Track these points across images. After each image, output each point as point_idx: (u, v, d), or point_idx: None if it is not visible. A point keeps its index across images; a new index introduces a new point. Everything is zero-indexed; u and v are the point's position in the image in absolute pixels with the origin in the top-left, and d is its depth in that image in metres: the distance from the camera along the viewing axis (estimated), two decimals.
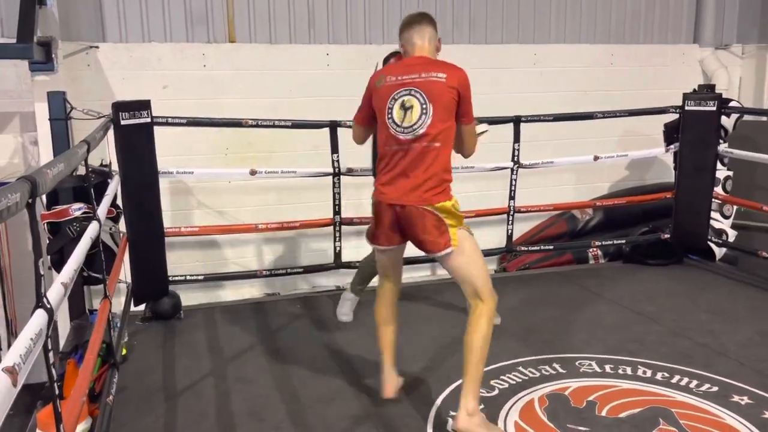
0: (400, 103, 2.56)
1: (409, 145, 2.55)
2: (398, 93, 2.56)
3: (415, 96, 2.53)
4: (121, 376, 3.12)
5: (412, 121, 2.53)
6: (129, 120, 3.64)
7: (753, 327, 3.81)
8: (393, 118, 2.57)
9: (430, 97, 2.52)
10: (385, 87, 2.60)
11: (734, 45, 6.36)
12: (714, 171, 4.86)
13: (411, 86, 2.55)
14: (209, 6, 4.97)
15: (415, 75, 2.56)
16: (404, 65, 2.64)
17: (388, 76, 2.60)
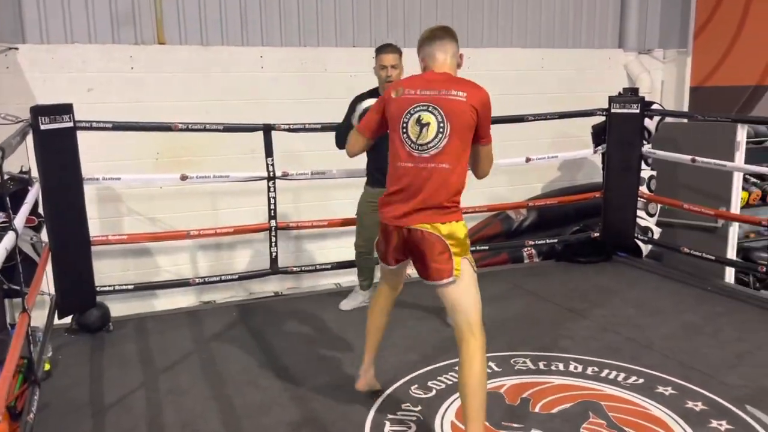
0: (416, 118, 2.46)
1: (420, 163, 2.45)
2: (415, 107, 2.46)
3: (432, 113, 2.43)
4: (43, 393, 2.98)
5: (427, 138, 2.44)
6: (49, 125, 3.48)
7: (677, 320, 3.98)
8: (408, 133, 2.47)
9: (449, 116, 2.42)
10: (403, 99, 2.49)
11: (656, 50, 6.65)
12: (639, 171, 5.05)
13: (429, 102, 2.45)
14: (136, 6, 4.82)
15: (434, 91, 2.45)
16: (425, 79, 2.53)
17: (407, 89, 2.50)
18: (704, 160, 4.64)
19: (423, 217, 2.45)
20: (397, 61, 3.75)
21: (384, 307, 2.90)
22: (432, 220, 2.44)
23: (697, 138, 5.26)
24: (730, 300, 4.35)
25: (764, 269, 4.38)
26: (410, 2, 5.65)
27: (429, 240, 2.44)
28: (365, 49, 5.47)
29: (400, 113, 2.49)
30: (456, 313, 2.48)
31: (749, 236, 5.74)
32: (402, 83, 2.58)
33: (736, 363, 3.36)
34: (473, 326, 2.43)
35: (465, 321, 2.44)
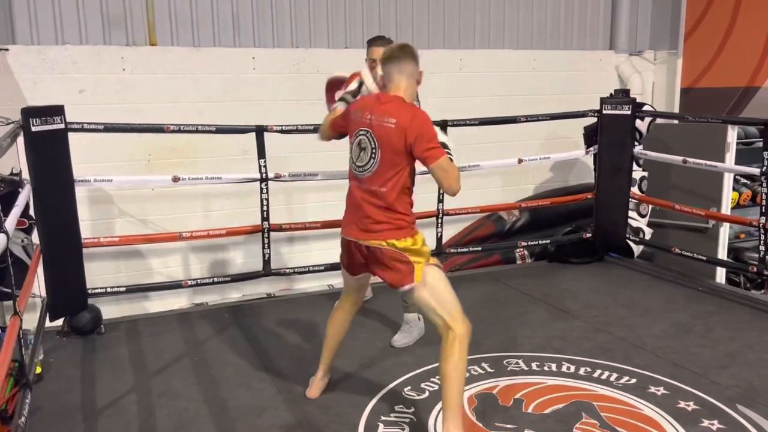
0: (357, 141, 2.65)
1: (362, 184, 2.65)
2: (359, 131, 2.65)
3: (368, 138, 2.61)
4: (35, 396, 2.97)
5: (363, 161, 2.63)
6: (40, 126, 3.46)
7: (668, 320, 4.00)
8: (352, 155, 2.68)
9: (380, 143, 2.57)
10: (355, 121, 2.68)
11: (647, 51, 6.69)
12: (630, 172, 5.08)
13: (367, 128, 2.62)
14: (127, 7, 4.81)
15: (375, 116, 2.60)
16: (372, 102, 2.68)
17: (361, 111, 2.67)
18: (695, 161, 4.67)
19: (377, 235, 2.62)
20: None
21: (347, 315, 3.03)
22: (386, 237, 2.61)
23: (688, 139, 5.29)
24: (721, 300, 4.38)
25: (755, 269, 4.42)
26: (402, 4, 5.66)
27: (387, 254, 2.61)
28: (358, 50, 5.47)
29: (351, 134, 2.72)
30: (429, 312, 2.63)
31: (740, 237, 5.78)
32: (359, 104, 2.76)
33: (728, 363, 3.38)
34: (448, 322, 2.55)
35: (439, 317, 2.58)
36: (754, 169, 4.42)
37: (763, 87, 5.82)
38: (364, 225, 2.65)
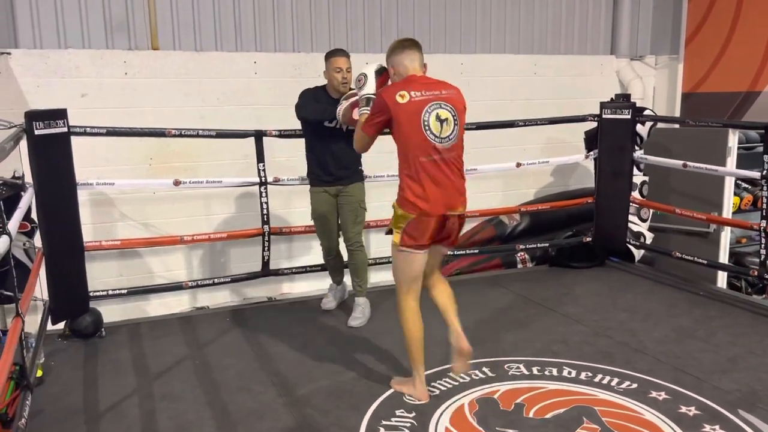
0: (435, 115, 2.82)
1: (446, 154, 2.84)
2: (431, 106, 2.82)
3: (446, 109, 2.85)
4: (36, 399, 2.97)
5: (448, 131, 2.85)
6: (44, 130, 3.47)
7: (669, 324, 4.00)
8: (431, 130, 2.81)
9: (457, 110, 2.89)
10: (414, 102, 2.81)
11: (648, 56, 6.70)
12: (631, 176, 5.08)
13: (440, 101, 2.85)
14: (130, 12, 4.82)
15: (437, 91, 2.87)
16: (419, 82, 2.87)
17: (411, 92, 2.82)
18: (696, 166, 4.68)
19: (461, 201, 2.93)
20: (350, 64, 3.86)
21: (418, 307, 3.03)
22: (464, 203, 2.95)
23: (688, 143, 5.30)
24: (722, 304, 4.38)
25: (756, 273, 4.42)
26: (404, 9, 5.68)
27: (461, 221, 2.99)
28: (359, 55, 5.48)
29: (417, 114, 2.81)
30: (437, 264, 3.09)
31: (741, 241, 5.79)
32: (400, 87, 2.85)
33: (729, 367, 3.38)
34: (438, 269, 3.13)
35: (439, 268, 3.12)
36: (755, 173, 4.42)
37: (764, 92, 5.83)
38: (457, 194, 2.90)
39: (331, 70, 3.85)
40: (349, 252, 4.08)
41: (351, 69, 3.83)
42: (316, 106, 3.86)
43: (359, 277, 4.10)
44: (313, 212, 4.08)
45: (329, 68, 3.86)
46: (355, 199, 3.98)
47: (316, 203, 4.04)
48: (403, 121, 2.81)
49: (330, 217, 4.04)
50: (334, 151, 3.90)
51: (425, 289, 3.08)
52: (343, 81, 3.82)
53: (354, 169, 4.00)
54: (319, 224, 4.11)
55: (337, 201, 4.01)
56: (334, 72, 3.83)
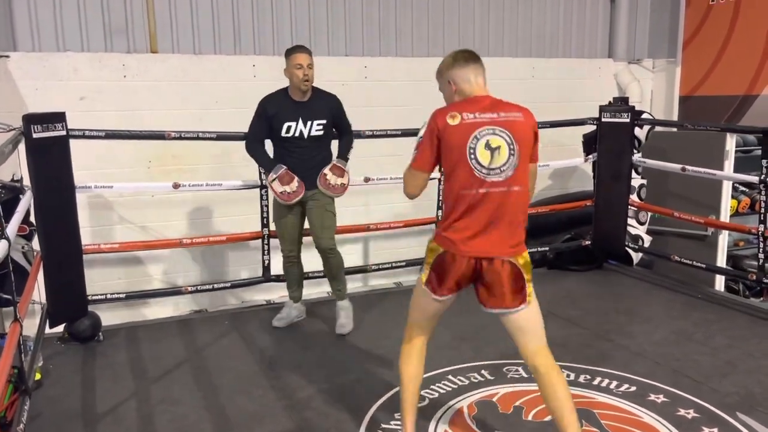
0: (484, 142, 2.35)
1: (493, 189, 2.34)
2: (480, 132, 2.35)
3: (500, 135, 2.36)
4: (34, 403, 2.96)
5: (500, 162, 2.34)
6: (42, 133, 3.47)
7: (668, 327, 4.00)
8: (477, 159, 2.34)
9: (516, 138, 2.37)
10: (464, 125, 2.36)
11: (646, 59, 6.73)
12: (629, 179, 5.09)
13: (494, 125, 2.37)
14: (129, 16, 4.83)
15: (494, 114, 2.39)
16: (475, 103, 2.43)
17: (463, 113, 2.38)
18: (694, 169, 4.69)
19: (504, 247, 2.37)
20: (311, 61, 3.66)
21: (421, 354, 2.58)
22: (511, 251, 2.38)
23: (686, 147, 5.31)
24: (720, 307, 4.38)
25: (754, 277, 4.42)
26: (402, 13, 5.69)
27: (510, 270, 2.37)
28: (357, 59, 5.52)
29: (464, 139, 2.36)
30: (525, 335, 2.43)
31: (739, 244, 5.80)
32: (453, 108, 2.42)
33: (727, 370, 3.38)
34: (544, 344, 2.43)
35: (535, 342, 2.42)
36: (752, 177, 4.43)
37: (761, 95, 5.85)
38: (501, 238, 2.36)
39: (292, 67, 3.64)
40: (323, 258, 3.94)
41: (313, 66, 3.66)
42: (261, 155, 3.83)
43: (337, 280, 4.00)
44: (274, 215, 3.97)
45: (289, 66, 3.65)
46: (321, 203, 3.82)
47: (279, 208, 3.89)
48: (451, 147, 2.36)
49: (292, 223, 3.90)
50: (298, 157, 3.75)
51: None
52: (305, 78, 3.62)
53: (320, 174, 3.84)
54: (280, 229, 3.96)
55: (305, 207, 3.87)
56: (295, 69, 3.62)
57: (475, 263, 2.36)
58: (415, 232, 5.34)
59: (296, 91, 3.69)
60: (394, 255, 5.34)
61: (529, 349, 2.42)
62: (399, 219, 5.00)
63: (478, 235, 2.35)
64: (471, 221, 2.35)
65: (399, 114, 5.47)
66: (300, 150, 3.75)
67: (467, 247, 2.35)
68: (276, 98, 3.76)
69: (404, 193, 2.53)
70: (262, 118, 3.76)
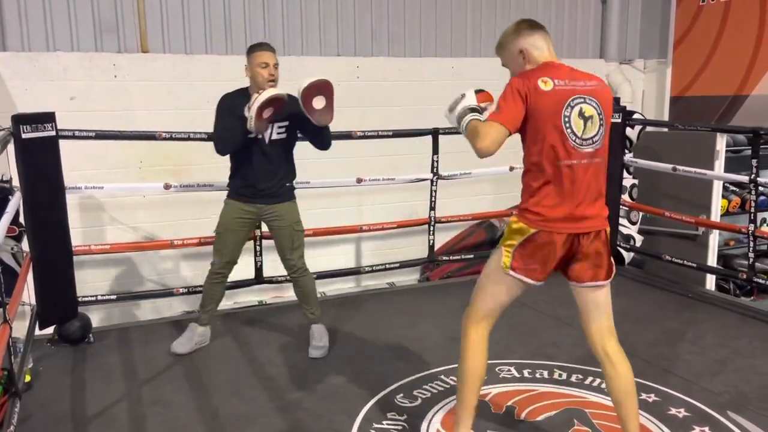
0: (577, 111, 2.23)
1: (586, 160, 2.25)
2: (573, 100, 2.23)
3: (590, 105, 2.26)
4: (24, 405, 2.94)
5: (592, 132, 2.25)
6: (31, 133, 3.44)
7: (659, 327, 4.02)
8: (572, 128, 2.22)
9: (604, 107, 2.30)
10: (558, 91, 2.22)
11: (637, 60, 6.75)
12: (621, 179, 5.11)
13: (585, 94, 2.26)
14: (119, 15, 4.80)
15: (581, 82, 2.28)
16: (557, 69, 2.30)
17: (555, 80, 2.23)
18: (685, 169, 4.71)
19: (600, 219, 2.32)
20: (276, 60, 3.37)
21: (487, 340, 2.46)
22: (604, 222, 2.33)
23: (677, 147, 5.33)
24: (711, 307, 4.41)
25: (744, 276, 4.45)
26: (395, 13, 5.69)
27: (605, 240, 2.33)
28: (350, 59, 5.51)
29: (559, 107, 2.22)
30: (602, 314, 2.38)
31: (729, 244, 5.83)
32: (542, 72, 2.26)
33: (718, 369, 3.40)
34: (612, 325, 2.40)
35: (609, 320, 2.39)
36: (742, 176, 4.46)
37: (751, 95, 5.89)
38: (589, 210, 2.27)
39: (256, 65, 3.31)
40: (293, 280, 3.66)
41: (278, 65, 3.37)
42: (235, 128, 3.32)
43: (310, 303, 3.69)
44: (220, 225, 3.57)
45: (253, 64, 3.33)
46: (286, 222, 3.50)
47: (226, 217, 3.55)
48: (542, 114, 2.21)
49: (237, 237, 3.56)
50: (258, 165, 3.41)
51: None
52: (270, 78, 3.30)
53: (281, 186, 3.49)
54: (220, 240, 3.58)
55: (268, 225, 3.59)
56: (259, 68, 3.30)
57: (573, 239, 2.27)
58: (408, 233, 5.34)
59: (256, 91, 3.30)
60: (387, 256, 5.35)
61: (598, 328, 2.37)
62: (392, 220, 5.00)
63: (575, 210, 2.25)
64: (565, 196, 2.24)
65: (391, 115, 5.48)
66: (260, 157, 3.41)
67: (567, 223, 2.25)
68: (236, 98, 3.41)
69: (478, 147, 2.22)
70: (226, 112, 3.38)
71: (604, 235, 2.32)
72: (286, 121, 3.41)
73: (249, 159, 3.42)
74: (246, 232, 3.63)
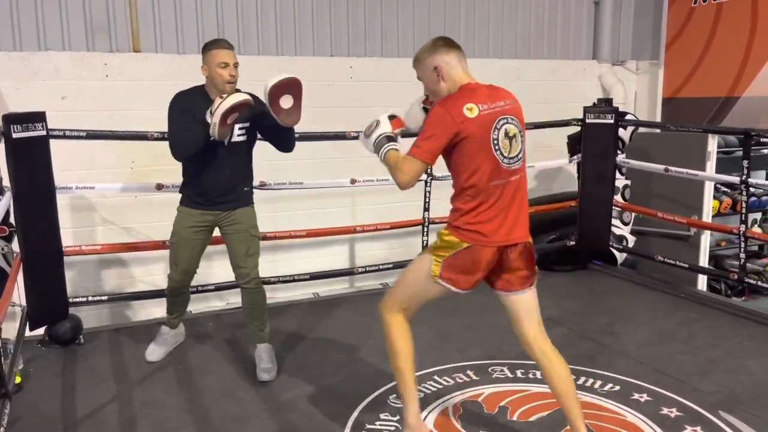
0: (503, 132, 2.36)
1: (515, 177, 2.40)
2: (499, 122, 2.36)
3: (512, 124, 2.40)
4: (14, 406, 2.91)
5: (517, 150, 2.40)
6: (21, 133, 3.42)
7: (651, 327, 4.03)
8: (500, 149, 2.35)
9: (521, 124, 2.44)
10: (483, 116, 2.33)
11: (629, 61, 6.77)
12: (613, 180, 5.13)
13: (506, 114, 2.39)
14: (111, 14, 4.77)
15: (501, 102, 2.41)
16: (478, 92, 2.39)
17: (479, 105, 2.34)
18: (677, 170, 4.73)
19: (525, 230, 2.45)
20: (237, 60, 3.16)
21: (408, 325, 2.58)
22: (527, 232, 2.47)
23: (669, 148, 5.35)
24: (702, 307, 4.42)
25: (735, 277, 4.47)
26: (388, 14, 5.68)
27: (530, 249, 2.47)
28: (343, 59, 5.50)
29: (486, 130, 2.33)
30: (532, 314, 2.51)
31: (720, 244, 5.85)
32: (466, 99, 2.35)
33: (710, 369, 3.41)
34: (543, 326, 2.52)
35: (538, 323, 2.52)
36: (734, 177, 4.48)
37: (742, 97, 5.91)
38: (513, 223, 2.40)
39: (215, 65, 3.08)
40: (244, 291, 3.37)
41: (238, 65, 3.16)
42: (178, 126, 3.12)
43: (259, 320, 3.40)
44: (174, 235, 3.35)
45: (211, 63, 3.09)
46: (243, 227, 3.30)
47: (180, 226, 3.32)
48: (471, 141, 2.31)
49: (193, 245, 3.35)
50: (214, 170, 3.20)
51: None
52: (230, 80, 3.10)
53: (239, 191, 3.30)
54: (175, 250, 3.38)
55: (222, 231, 3.36)
56: (218, 68, 3.07)
57: (501, 252, 2.39)
58: (401, 234, 5.33)
59: (217, 92, 3.09)
60: (381, 257, 5.34)
61: (532, 331, 2.49)
62: (385, 221, 4.99)
63: (505, 224, 2.38)
64: (497, 213, 2.37)
65: None
66: (217, 161, 3.19)
67: (497, 236, 2.37)
68: (192, 97, 3.16)
69: (398, 181, 2.38)
70: (182, 113, 3.14)
71: (529, 245, 2.46)
72: (247, 123, 3.22)
73: (206, 163, 3.18)
74: (203, 241, 3.38)
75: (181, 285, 3.50)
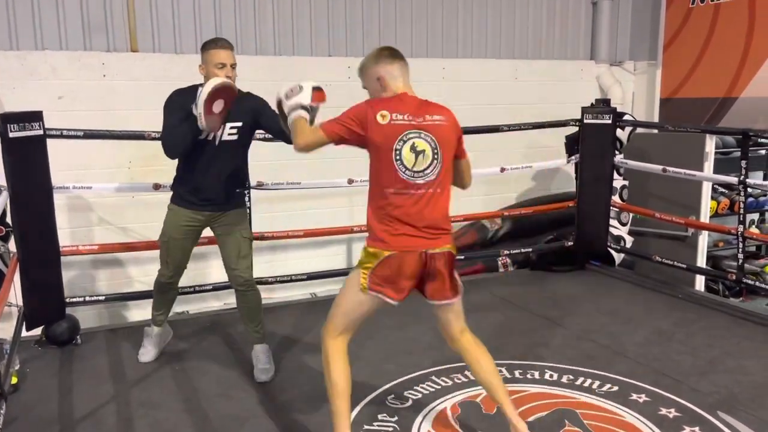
0: (410, 145, 2.40)
1: (422, 190, 2.42)
2: (407, 134, 2.40)
3: (425, 140, 2.41)
4: (10, 407, 2.91)
5: (424, 165, 2.42)
6: (18, 132, 3.41)
7: (649, 327, 4.03)
8: (402, 161, 2.40)
9: (441, 143, 2.44)
10: (392, 125, 2.40)
11: (627, 62, 6.78)
12: (611, 180, 5.13)
13: (420, 129, 2.42)
14: (108, 13, 4.76)
15: (420, 117, 2.43)
16: (404, 103, 2.45)
17: (393, 113, 2.40)
18: (675, 170, 4.73)
19: (442, 241, 2.48)
20: (235, 59, 3.12)
21: (346, 355, 2.54)
22: (449, 241, 2.50)
23: (667, 148, 5.36)
24: (700, 307, 4.42)
25: (733, 277, 4.47)
26: (385, 14, 5.68)
27: (450, 260, 2.50)
28: (341, 59, 5.49)
29: (391, 140, 2.40)
30: (460, 319, 2.63)
31: (718, 245, 5.87)
32: (383, 107, 2.43)
33: (708, 370, 3.41)
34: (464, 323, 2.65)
35: (462, 322, 2.65)
36: (731, 178, 4.49)
37: (740, 98, 5.92)
38: (431, 232, 2.44)
39: (212, 65, 3.04)
40: (238, 293, 3.37)
41: (236, 65, 3.13)
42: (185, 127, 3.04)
43: (255, 320, 3.39)
44: (164, 234, 3.32)
45: (208, 63, 3.06)
46: (234, 229, 3.28)
47: (170, 225, 3.29)
48: (376, 146, 2.41)
49: (184, 245, 3.33)
50: (205, 169, 3.16)
51: None
52: None
53: (231, 192, 3.26)
54: (166, 249, 3.36)
55: (214, 232, 3.34)
56: (216, 68, 3.03)
57: (425, 261, 2.43)
58: None
59: None
60: None
61: (457, 329, 2.61)
62: None
63: (416, 234, 2.43)
64: (404, 222, 2.42)
65: None
66: (209, 160, 3.14)
67: (408, 245, 2.42)
68: (187, 95, 3.10)
69: (296, 143, 2.45)
70: (177, 111, 3.09)
71: (450, 256, 2.49)
72: (239, 122, 3.16)
73: (197, 162, 3.15)
74: (193, 241, 3.36)
75: (171, 281, 3.48)
